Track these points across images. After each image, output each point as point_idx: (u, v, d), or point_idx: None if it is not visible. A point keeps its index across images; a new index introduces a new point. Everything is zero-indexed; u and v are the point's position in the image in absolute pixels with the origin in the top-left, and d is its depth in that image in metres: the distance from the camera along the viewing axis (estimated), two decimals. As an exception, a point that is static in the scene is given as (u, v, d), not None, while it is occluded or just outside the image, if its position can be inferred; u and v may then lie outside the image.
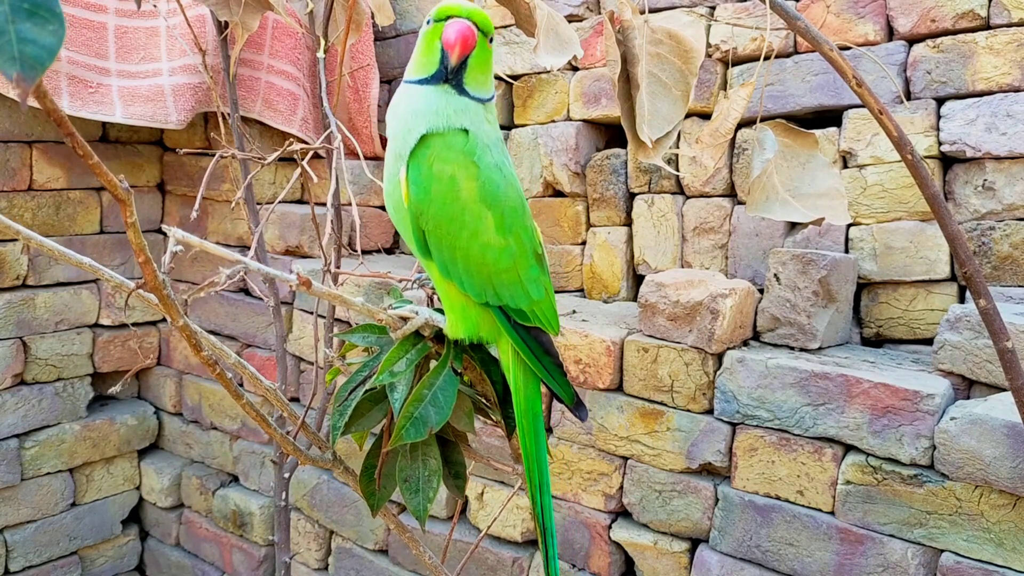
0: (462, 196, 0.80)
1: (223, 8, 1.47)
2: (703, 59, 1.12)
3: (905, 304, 1.51)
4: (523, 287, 0.83)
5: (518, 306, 0.83)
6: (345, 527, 2.00)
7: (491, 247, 0.81)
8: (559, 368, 0.88)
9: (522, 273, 0.83)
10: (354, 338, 0.91)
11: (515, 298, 0.83)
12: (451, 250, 0.81)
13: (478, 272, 0.81)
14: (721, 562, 1.41)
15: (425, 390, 0.82)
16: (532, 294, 0.84)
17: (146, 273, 0.70)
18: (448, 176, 0.80)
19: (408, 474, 0.87)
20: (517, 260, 0.83)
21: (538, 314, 0.85)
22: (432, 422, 0.81)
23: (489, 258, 0.81)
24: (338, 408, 0.86)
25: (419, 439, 0.81)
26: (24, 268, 2.16)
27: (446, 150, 0.80)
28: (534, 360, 0.86)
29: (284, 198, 2.17)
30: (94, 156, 0.57)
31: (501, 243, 0.81)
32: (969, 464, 1.16)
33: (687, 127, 1.75)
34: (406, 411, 0.81)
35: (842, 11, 1.58)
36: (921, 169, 0.92)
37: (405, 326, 0.86)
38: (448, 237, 0.81)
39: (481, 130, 0.83)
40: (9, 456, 2.15)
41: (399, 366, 0.83)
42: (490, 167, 0.81)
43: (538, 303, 0.85)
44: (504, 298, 0.83)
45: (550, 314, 0.87)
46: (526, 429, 0.89)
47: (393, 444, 0.82)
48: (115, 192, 0.61)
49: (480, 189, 0.80)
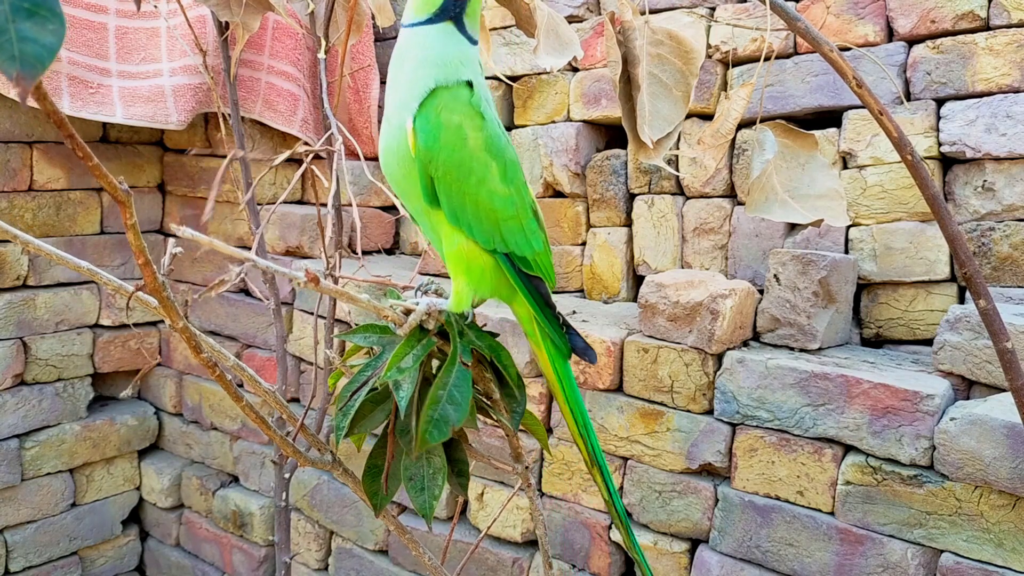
0: (470, 144, 0.83)
1: (224, 9, 1.47)
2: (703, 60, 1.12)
3: (905, 305, 1.51)
4: (526, 235, 0.87)
5: (523, 253, 0.87)
6: (345, 527, 2.00)
7: (497, 194, 0.84)
8: (558, 320, 0.92)
9: (524, 223, 0.87)
10: (356, 338, 0.91)
11: (519, 245, 0.87)
12: (460, 195, 0.84)
13: (487, 217, 0.85)
14: (721, 562, 1.41)
15: (440, 390, 0.82)
16: (533, 244, 0.88)
17: (146, 275, 0.70)
18: (456, 125, 0.82)
19: (413, 472, 0.87)
20: (519, 209, 0.87)
21: (540, 264, 0.89)
22: (453, 420, 0.82)
23: (496, 204, 0.85)
24: (341, 410, 0.86)
25: (443, 439, 0.81)
26: (24, 268, 2.16)
27: (454, 101, 0.83)
28: (537, 309, 0.90)
29: (285, 199, 2.17)
30: (94, 158, 0.57)
31: (505, 191, 0.85)
32: (969, 464, 1.16)
33: (687, 128, 1.75)
34: (426, 415, 0.81)
35: (842, 12, 1.58)
36: (921, 170, 0.92)
37: (409, 318, 0.86)
38: (457, 183, 0.83)
39: (481, 83, 0.86)
40: (9, 456, 2.15)
41: (406, 362, 0.83)
42: (493, 121, 0.85)
43: (539, 253, 0.89)
44: (510, 244, 0.86)
45: (548, 266, 0.91)
46: (561, 378, 0.94)
47: (420, 449, 0.82)
48: (115, 194, 0.61)
49: (486, 140, 0.84)
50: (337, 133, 1.42)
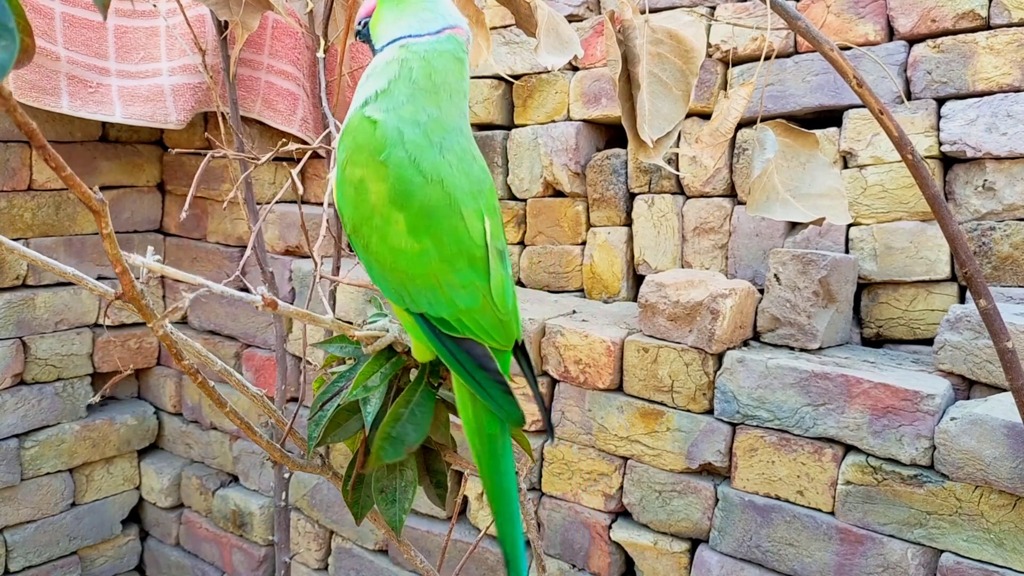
0: (371, 199, 0.73)
1: (223, 8, 1.47)
2: (703, 59, 1.12)
3: (905, 304, 1.51)
4: (443, 293, 0.74)
5: (439, 314, 0.75)
6: (345, 527, 1.99)
7: (402, 251, 0.73)
8: (500, 385, 0.77)
9: (442, 278, 0.74)
10: (332, 348, 0.90)
11: (434, 305, 0.75)
12: (365, 253, 0.76)
13: (392, 276, 0.75)
14: (721, 562, 1.41)
15: (402, 408, 0.81)
16: (458, 301, 0.75)
17: (124, 283, 0.69)
18: (357, 179, 0.74)
19: (384, 485, 0.86)
20: (435, 265, 0.74)
21: (467, 323, 0.76)
22: (410, 441, 0.80)
23: (401, 263, 0.74)
24: (312, 419, 0.85)
25: (397, 459, 0.80)
26: (24, 268, 2.16)
27: (355, 151, 0.74)
28: (463, 373, 0.77)
29: (283, 198, 2.17)
30: (67, 168, 0.56)
31: (414, 246, 0.73)
32: (969, 464, 1.16)
33: (688, 127, 1.75)
34: (383, 431, 0.80)
35: (842, 11, 1.58)
36: (921, 169, 0.92)
37: (375, 343, 0.85)
38: (361, 240, 0.75)
39: (400, 109, 0.73)
40: (9, 456, 2.14)
41: (373, 380, 0.82)
42: (403, 163, 0.72)
43: (468, 311, 0.75)
44: (421, 305, 0.75)
45: (488, 324, 0.76)
46: (479, 452, 0.81)
47: (373, 466, 0.81)
48: (89, 203, 0.60)
49: (390, 190, 0.72)
50: (336, 132, 1.42)
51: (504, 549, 0.83)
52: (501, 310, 0.77)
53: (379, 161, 0.72)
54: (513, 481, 0.82)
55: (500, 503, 0.82)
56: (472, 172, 0.76)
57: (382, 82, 0.75)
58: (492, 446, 0.81)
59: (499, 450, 0.81)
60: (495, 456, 0.81)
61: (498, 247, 0.78)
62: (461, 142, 0.76)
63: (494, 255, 0.77)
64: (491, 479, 0.81)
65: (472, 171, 0.76)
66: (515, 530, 0.82)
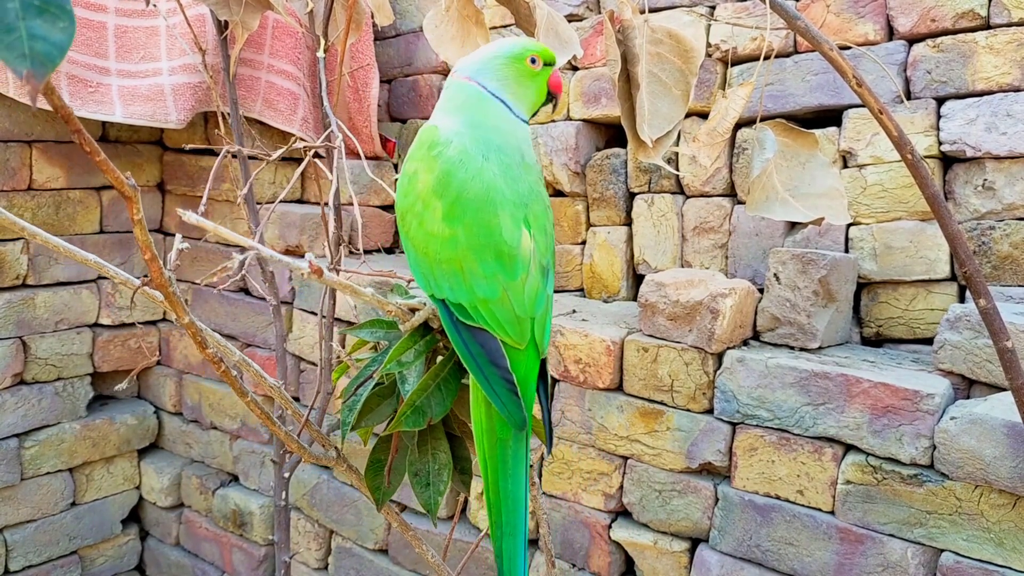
0: (418, 188, 0.80)
1: (223, 7, 1.47)
2: (703, 59, 1.12)
3: (905, 304, 1.51)
4: (464, 279, 0.77)
5: (457, 300, 0.78)
6: (345, 527, 2.00)
7: (434, 236, 0.78)
8: (507, 383, 0.77)
9: (466, 265, 0.77)
10: (362, 333, 0.91)
11: (454, 290, 0.78)
12: (407, 238, 0.81)
13: (423, 259, 0.80)
14: (721, 562, 1.41)
15: (430, 380, 0.83)
16: (477, 290, 0.77)
17: (153, 270, 0.70)
18: (412, 171, 0.81)
19: (419, 468, 0.87)
20: (462, 251, 0.77)
21: (483, 312, 0.77)
22: (432, 413, 0.82)
23: (432, 247, 0.78)
24: (347, 404, 0.86)
25: (417, 428, 0.81)
26: (24, 267, 2.16)
27: (416, 148, 0.82)
28: (473, 365, 0.78)
29: (284, 198, 2.17)
30: (101, 153, 0.57)
31: (445, 231, 0.77)
32: (969, 464, 1.16)
33: (687, 127, 1.75)
34: (410, 399, 0.82)
35: (842, 11, 1.58)
36: (921, 169, 0.92)
37: (413, 317, 0.86)
38: (406, 226, 0.81)
39: (463, 121, 0.82)
40: (9, 456, 2.14)
41: (407, 356, 0.84)
42: (451, 160, 0.78)
43: (484, 301, 0.77)
44: (443, 290, 0.79)
45: (504, 318, 0.78)
46: (486, 457, 0.80)
47: (391, 430, 0.82)
48: (122, 189, 0.61)
49: (435, 181, 0.79)
50: (337, 131, 1.42)
51: (500, 565, 0.80)
52: (520, 308, 0.79)
53: (432, 156, 0.80)
54: (521, 492, 0.80)
55: (500, 515, 0.80)
56: (519, 188, 0.81)
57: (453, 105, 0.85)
58: (502, 452, 0.79)
59: (508, 458, 0.80)
60: (503, 463, 0.80)
61: (543, 263, 0.81)
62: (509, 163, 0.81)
63: (536, 267, 0.80)
64: (495, 487, 0.80)
65: (519, 187, 0.81)
66: (515, 545, 0.80)
